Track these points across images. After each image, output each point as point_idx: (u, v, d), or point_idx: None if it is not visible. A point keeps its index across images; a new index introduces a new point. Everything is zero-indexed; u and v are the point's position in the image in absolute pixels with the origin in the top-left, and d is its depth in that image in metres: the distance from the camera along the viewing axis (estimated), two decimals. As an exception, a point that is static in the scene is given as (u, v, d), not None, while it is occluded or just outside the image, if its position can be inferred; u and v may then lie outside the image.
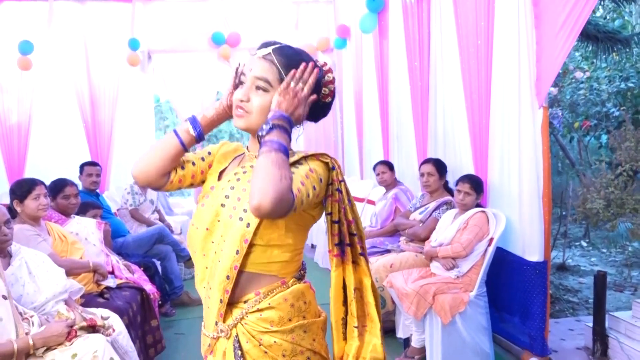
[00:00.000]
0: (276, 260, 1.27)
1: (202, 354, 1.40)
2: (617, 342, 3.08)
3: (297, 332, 1.28)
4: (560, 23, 2.88)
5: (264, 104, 1.26)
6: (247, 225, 1.22)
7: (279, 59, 1.26)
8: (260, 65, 1.26)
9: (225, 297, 1.25)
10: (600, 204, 2.96)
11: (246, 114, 1.27)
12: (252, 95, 1.26)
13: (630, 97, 5.93)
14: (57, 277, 2.61)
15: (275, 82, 1.25)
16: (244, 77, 1.28)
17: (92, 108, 6.14)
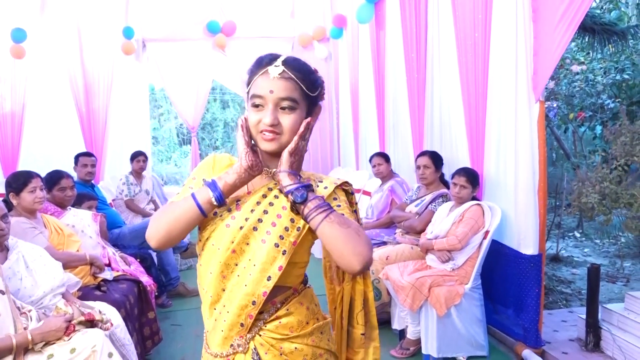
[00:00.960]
0: (295, 275, 1.31)
1: None
2: (609, 334, 3.12)
3: (315, 334, 1.31)
4: (558, 17, 2.88)
5: (294, 124, 1.24)
6: (284, 253, 1.22)
7: (296, 74, 1.23)
8: (282, 85, 1.22)
9: (248, 322, 1.25)
10: (595, 198, 2.98)
11: (277, 136, 1.24)
12: (280, 117, 1.23)
13: (625, 88, 5.94)
14: (54, 271, 2.62)
15: (300, 98, 1.24)
16: (260, 100, 1.23)
17: (86, 97, 6.09)
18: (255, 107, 1.24)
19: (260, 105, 1.24)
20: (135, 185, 5.34)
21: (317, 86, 1.28)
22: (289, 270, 1.25)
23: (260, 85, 1.23)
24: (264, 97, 1.23)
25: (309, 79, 1.25)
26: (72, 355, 2.17)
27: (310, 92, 1.25)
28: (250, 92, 1.25)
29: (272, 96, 1.22)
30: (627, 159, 3.04)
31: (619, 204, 3.04)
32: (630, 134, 3.04)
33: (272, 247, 1.22)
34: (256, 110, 1.24)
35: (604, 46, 5.26)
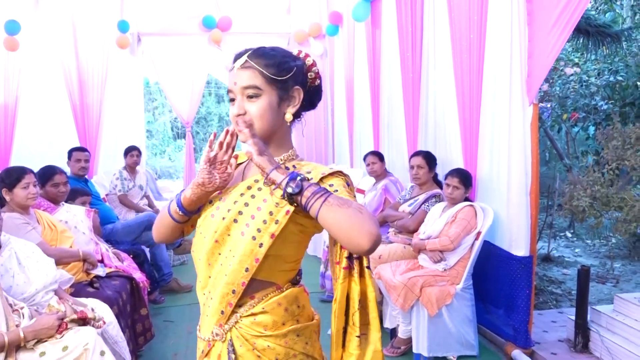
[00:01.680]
0: (279, 270, 1.30)
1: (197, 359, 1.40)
2: (598, 335, 3.16)
3: (290, 337, 1.29)
4: (553, 21, 2.90)
5: (260, 110, 1.26)
6: (260, 245, 1.22)
7: (257, 61, 1.26)
8: (244, 75, 1.26)
9: (228, 309, 1.27)
10: (586, 201, 3.01)
11: (249, 126, 1.26)
12: (247, 106, 1.27)
13: (618, 89, 5.98)
14: (47, 268, 2.62)
15: (263, 84, 1.26)
16: (232, 94, 1.29)
17: (80, 90, 6.06)
18: (231, 101, 1.30)
19: (233, 100, 1.29)
20: (128, 180, 5.33)
21: (286, 69, 1.28)
22: (272, 264, 1.25)
23: (229, 80, 1.29)
24: (233, 91, 1.28)
25: (276, 64, 1.27)
26: (64, 353, 2.18)
27: (277, 76, 1.26)
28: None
29: (237, 87, 1.27)
30: (618, 163, 3.06)
31: (610, 207, 3.07)
32: (622, 137, 3.06)
33: (249, 240, 1.22)
34: (231, 105, 1.29)
35: (598, 48, 5.29)
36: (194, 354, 3.59)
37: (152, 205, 5.68)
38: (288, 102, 1.30)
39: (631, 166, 3.03)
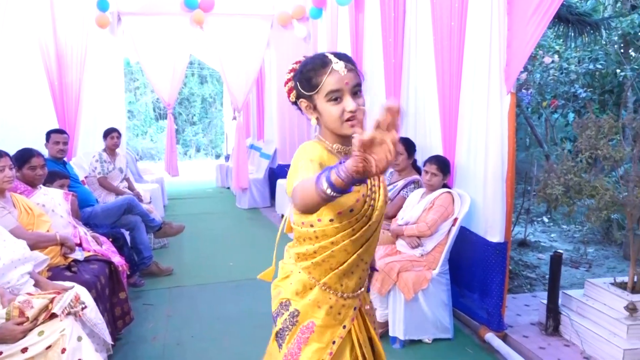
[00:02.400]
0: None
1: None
2: (568, 319, 3.25)
3: None
4: (532, 10, 2.92)
5: (364, 103, 1.51)
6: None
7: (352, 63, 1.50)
8: (352, 76, 1.47)
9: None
10: (559, 189, 3.07)
11: (358, 119, 1.45)
12: (357, 101, 1.48)
13: (598, 77, 6.05)
14: (14, 245, 2.55)
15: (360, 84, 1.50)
16: (337, 93, 1.46)
17: (58, 70, 5.93)
18: (334, 100, 1.47)
19: (337, 99, 1.47)
20: (108, 162, 5.29)
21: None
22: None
23: (335, 80, 1.46)
24: (340, 90, 1.46)
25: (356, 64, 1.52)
26: (39, 338, 2.18)
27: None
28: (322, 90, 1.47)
29: (347, 87, 1.47)
30: (591, 152, 3.12)
31: (582, 195, 3.13)
32: (596, 127, 3.11)
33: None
34: (334, 104, 1.47)
35: (579, 35, 5.34)
36: (173, 337, 3.63)
37: (132, 187, 5.65)
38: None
39: (603, 155, 3.08)
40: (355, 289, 1.59)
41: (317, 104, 1.50)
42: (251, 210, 7.68)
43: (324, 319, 1.55)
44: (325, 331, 1.55)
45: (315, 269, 1.56)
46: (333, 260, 1.54)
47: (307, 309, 1.57)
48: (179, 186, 9.87)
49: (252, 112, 9.87)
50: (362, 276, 1.60)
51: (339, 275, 1.55)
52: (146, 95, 15.68)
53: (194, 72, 15.88)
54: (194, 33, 7.07)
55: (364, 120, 1.46)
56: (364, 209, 1.50)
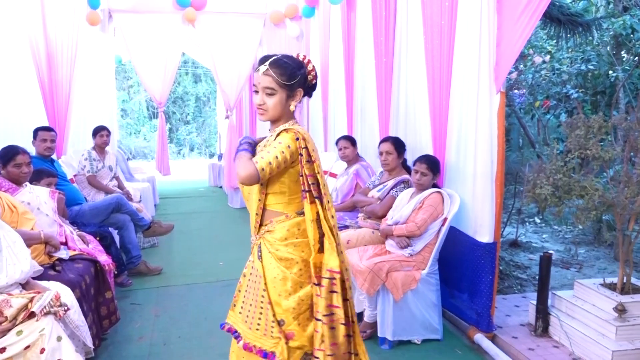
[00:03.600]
0: (279, 202, 2.01)
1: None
2: (557, 320, 3.23)
3: (290, 247, 2.01)
4: (521, 9, 2.90)
5: (274, 103, 1.94)
6: (262, 184, 1.99)
7: (275, 71, 1.90)
8: (265, 79, 1.91)
9: (256, 226, 2.07)
10: (548, 189, 3.05)
11: (265, 112, 1.96)
12: (266, 99, 1.94)
13: (590, 78, 6.05)
14: (22, 264, 2.53)
15: (277, 87, 1.91)
16: (256, 87, 1.94)
17: (48, 67, 5.87)
18: (256, 92, 1.96)
19: (257, 91, 1.95)
20: (97, 160, 5.24)
21: (293, 77, 1.92)
22: (274, 198, 2.01)
23: (255, 77, 1.95)
24: (257, 86, 1.95)
25: (286, 73, 1.91)
26: (18, 338, 2.15)
27: (287, 82, 1.92)
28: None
29: (260, 86, 1.93)
30: (580, 152, 3.10)
31: (571, 196, 3.11)
32: (585, 127, 3.09)
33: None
34: (255, 94, 1.96)
35: (571, 36, 5.33)
36: (160, 337, 3.61)
37: (122, 186, 5.61)
38: (292, 98, 1.97)
39: (592, 155, 3.06)
40: (252, 231, 2.09)
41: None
42: (243, 210, 7.64)
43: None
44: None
45: None
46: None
47: None
48: (171, 185, 9.84)
49: (245, 111, 9.84)
50: (252, 225, 2.07)
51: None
52: (139, 94, 15.60)
53: (188, 71, 15.82)
54: (186, 31, 7.04)
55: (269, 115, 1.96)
56: None
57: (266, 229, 2.02)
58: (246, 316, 2.04)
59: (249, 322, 2.03)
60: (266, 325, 1.98)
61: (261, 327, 1.99)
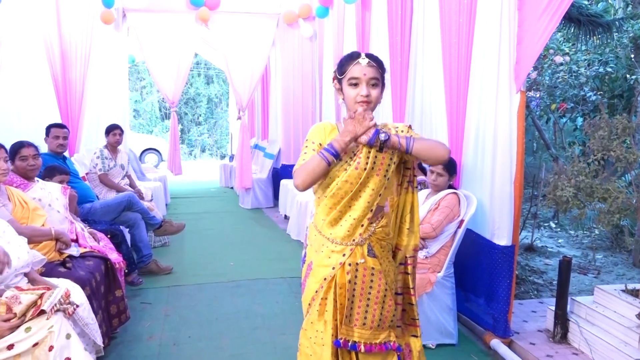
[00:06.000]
0: (385, 196, 2.06)
1: None
2: (577, 327, 3.14)
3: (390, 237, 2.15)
4: (543, 6, 2.83)
5: (378, 94, 1.94)
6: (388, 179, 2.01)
7: (376, 61, 1.93)
8: (370, 70, 1.90)
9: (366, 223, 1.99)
10: (570, 192, 2.96)
11: (369, 104, 1.91)
12: (371, 90, 1.91)
13: (607, 81, 5.94)
14: (18, 250, 2.50)
15: (380, 78, 1.93)
16: (356, 80, 1.90)
17: (62, 66, 5.89)
18: (354, 85, 1.91)
19: (357, 84, 1.91)
20: (110, 159, 5.22)
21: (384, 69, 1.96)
22: (385, 193, 2.00)
23: (356, 70, 1.90)
24: (359, 78, 1.90)
25: (383, 65, 1.96)
26: (26, 335, 2.10)
27: (383, 73, 1.96)
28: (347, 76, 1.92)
29: (365, 77, 1.90)
30: (604, 154, 3.01)
31: (593, 199, 3.02)
32: (609, 128, 3.01)
33: (382, 177, 1.95)
34: (353, 88, 1.92)
35: (589, 38, 5.23)
36: (170, 337, 3.57)
37: (134, 185, 5.59)
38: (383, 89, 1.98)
39: (616, 157, 2.97)
40: (344, 238, 1.96)
41: (343, 87, 1.95)
42: (254, 211, 7.61)
43: (317, 260, 2.01)
44: (318, 269, 2.00)
45: (317, 218, 2.04)
46: (322, 211, 2.01)
47: (310, 253, 2.08)
48: (183, 185, 9.83)
49: (257, 111, 9.82)
50: (350, 229, 1.96)
51: (328, 223, 1.98)
52: (152, 95, 15.67)
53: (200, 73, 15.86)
54: (199, 31, 7.02)
55: (371, 107, 1.93)
56: (333, 172, 1.94)
57: (379, 224, 2.00)
58: (364, 318, 1.99)
59: (368, 324, 1.99)
60: (386, 318, 2.01)
61: (382, 320, 2.01)
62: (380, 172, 1.95)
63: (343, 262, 1.96)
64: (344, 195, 1.94)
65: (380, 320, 2.00)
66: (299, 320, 1.88)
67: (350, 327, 1.99)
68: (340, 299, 1.97)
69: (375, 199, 1.95)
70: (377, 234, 1.99)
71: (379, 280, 1.98)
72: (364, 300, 1.98)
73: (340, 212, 1.97)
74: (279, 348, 3.24)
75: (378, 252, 1.99)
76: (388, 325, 2.03)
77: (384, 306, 2.00)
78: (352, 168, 1.92)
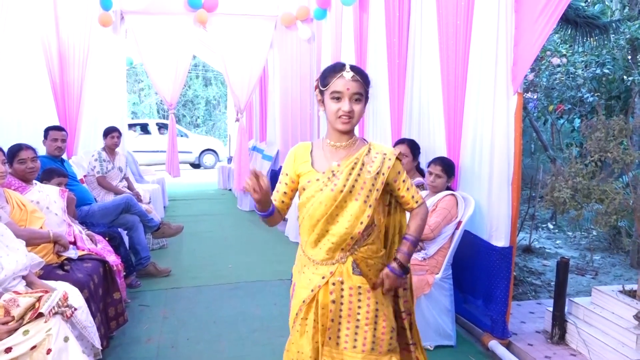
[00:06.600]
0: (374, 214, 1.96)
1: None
2: (574, 328, 3.14)
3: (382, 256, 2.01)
4: (540, 8, 2.84)
5: (360, 110, 1.85)
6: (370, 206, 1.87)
7: (361, 76, 1.83)
8: (355, 85, 1.80)
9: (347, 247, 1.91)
10: (567, 193, 2.97)
11: (350, 120, 1.82)
12: (354, 106, 1.82)
13: (605, 82, 5.95)
14: (17, 254, 2.49)
15: (363, 93, 1.84)
16: (339, 94, 1.81)
17: (60, 68, 5.87)
18: (336, 99, 1.81)
19: (339, 99, 1.81)
20: (107, 161, 5.22)
21: (369, 83, 1.88)
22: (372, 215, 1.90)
23: (339, 84, 1.80)
24: (342, 92, 1.80)
25: (368, 80, 1.86)
26: (24, 338, 2.10)
27: (368, 88, 1.87)
28: (329, 89, 1.81)
29: (348, 92, 1.80)
30: (600, 155, 3.02)
31: (591, 200, 3.03)
32: (605, 129, 3.02)
33: (362, 203, 1.84)
34: (335, 102, 1.82)
35: (586, 39, 5.24)
36: (169, 339, 3.56)
37: (132, 187, 5.58)
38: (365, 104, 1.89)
39: (613, 158, 2.99)
40: (324, 259, 1.88)
41: (324, 99, 1.85)
42: (252, 213, 7.59)
43: (299, 282, 1.95)
44: (300, 291, 1.93)
45: (300, 238, 1.99)
46: (303, 232, 1.94)
47: (295, 273, 2.03)
48: (181, 187, 9.83)
49: (255, 113, 9.81)
50: (329, 253, 1.88)
51: (310, 243, 1.91)
52: (150, 97, 15.67)
53: (198, 75, 15.87)
54: (197, 33, 7.02)
55: (353, 122, 1.84)
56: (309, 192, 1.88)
57: (366, 242, 1.89)
58: (354, 340, 1.89)
59: (359, 347, 1.88)
60: (382, 341, 1.90)
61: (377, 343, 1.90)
62: (360, 197, 1.84)
63: (325, 283, 1.88)
64: (320, 217, 1.85)
65: (374, 343, 1.88)
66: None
67: (339, 350, 1.89)
68: (322, 319, 1.88)
69: (355, 226, 1.83)
70: (361, 252, 1.88)
71: (367, 299, 1.88)
72: (352, 321, 1.89)
73: (318, 235, 1.88)
74: (277, 350, 3.23)
75: (364, 270, 1.88)
76: (387, 350, 1.91)
77: (376, 327, 1.88)
78: (328, 189, 1.83)
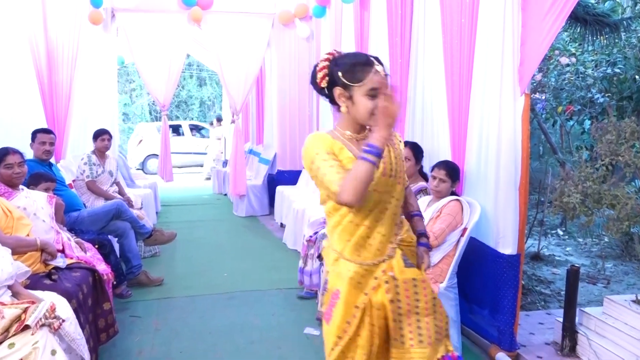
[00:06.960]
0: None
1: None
2: (586, 339, 3.03)
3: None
4: (548, 6, 2.77)
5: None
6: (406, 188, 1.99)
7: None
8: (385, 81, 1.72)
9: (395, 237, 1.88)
10: (577, 198, 2.85)
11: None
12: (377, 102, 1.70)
13: (616, 82, 5.81)
14: (2, 262, 2.40)
15: None
16: (375, 91, 1.69)
17: (48, 68, 5.70)
18: (374, 97, 1.69)
19: (374, 96, 1.69)
20: (97, 165, 5.06)
21: None
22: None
23: (376, 80, 1.70)
24: (379, 89, 1.67)
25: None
26: (9, 351, 2.01)
27: None
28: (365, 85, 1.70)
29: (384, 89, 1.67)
30: (612, 158, 2.90)
31: (601, 205, 2.91)
32: (617, 131, 2.90)
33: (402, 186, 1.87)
34: (371, 100, 1.70)
35: (596, 38, 5.12)
36: (161, 352, 3.39)
37: (123, 192, 5.43)
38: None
39: (625, 162, 2.87)
40: (374, 258, 1.78)
41: (354, 96, 1.72)
42: (249, 219, 7.44)
43: (346, 287, 1.78)
44: (349, 297, 1.77)
45: (336, 243, 1.83)
46: (345, 233, 1.80)
47: (333, 279, 1.84)
48: (174, 192, 9.65)
49: (252, 115, 9.66)
50: (380, 247, 1.79)
51: (354, 245, 1.79)
52: (142, 98, 15.51)
53: (192, 74, 15.72)
54: (191, 31, 6.88)
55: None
56: None
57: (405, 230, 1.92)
58: (419, 335, 1.80)
59: (425, 341, 1.80)
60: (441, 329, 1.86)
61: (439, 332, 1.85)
62: (401, 179, 1.85)
63: (379, 284, 1.79)
64: (372, 207, 1.77)
65: (437, 333, 1.83)
66: (297, 333, 1.76)
67: (405, 349, 1.79)
68: (378, 321, 1.78)
69: (399, 212, 1.84)
70: (405, 240, 1.89)
71: (423, 290, 1.83)
72: (412, 315, 1.80)
73: (368, 229, 1.79)
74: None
75: (412, 259, 1.88)
76: (444, 335, 1.89)
77: (436, 316, 1.84)
78: (378, 174, 1.74)
